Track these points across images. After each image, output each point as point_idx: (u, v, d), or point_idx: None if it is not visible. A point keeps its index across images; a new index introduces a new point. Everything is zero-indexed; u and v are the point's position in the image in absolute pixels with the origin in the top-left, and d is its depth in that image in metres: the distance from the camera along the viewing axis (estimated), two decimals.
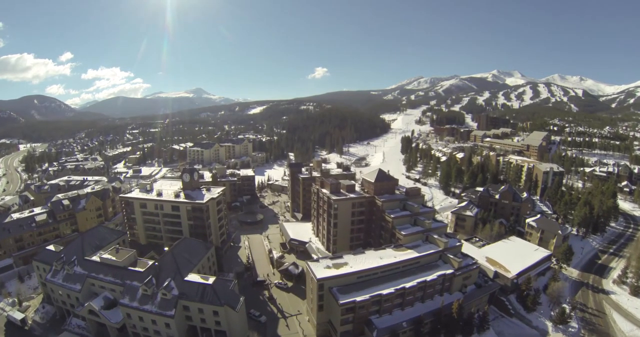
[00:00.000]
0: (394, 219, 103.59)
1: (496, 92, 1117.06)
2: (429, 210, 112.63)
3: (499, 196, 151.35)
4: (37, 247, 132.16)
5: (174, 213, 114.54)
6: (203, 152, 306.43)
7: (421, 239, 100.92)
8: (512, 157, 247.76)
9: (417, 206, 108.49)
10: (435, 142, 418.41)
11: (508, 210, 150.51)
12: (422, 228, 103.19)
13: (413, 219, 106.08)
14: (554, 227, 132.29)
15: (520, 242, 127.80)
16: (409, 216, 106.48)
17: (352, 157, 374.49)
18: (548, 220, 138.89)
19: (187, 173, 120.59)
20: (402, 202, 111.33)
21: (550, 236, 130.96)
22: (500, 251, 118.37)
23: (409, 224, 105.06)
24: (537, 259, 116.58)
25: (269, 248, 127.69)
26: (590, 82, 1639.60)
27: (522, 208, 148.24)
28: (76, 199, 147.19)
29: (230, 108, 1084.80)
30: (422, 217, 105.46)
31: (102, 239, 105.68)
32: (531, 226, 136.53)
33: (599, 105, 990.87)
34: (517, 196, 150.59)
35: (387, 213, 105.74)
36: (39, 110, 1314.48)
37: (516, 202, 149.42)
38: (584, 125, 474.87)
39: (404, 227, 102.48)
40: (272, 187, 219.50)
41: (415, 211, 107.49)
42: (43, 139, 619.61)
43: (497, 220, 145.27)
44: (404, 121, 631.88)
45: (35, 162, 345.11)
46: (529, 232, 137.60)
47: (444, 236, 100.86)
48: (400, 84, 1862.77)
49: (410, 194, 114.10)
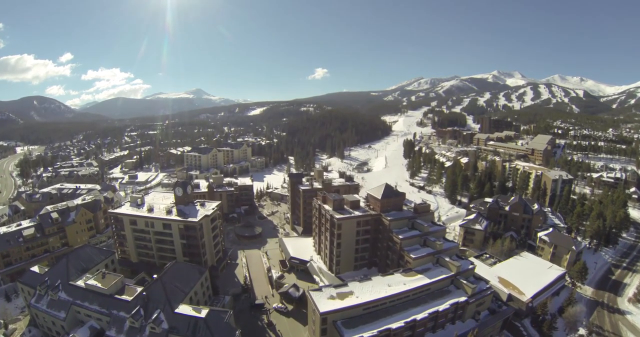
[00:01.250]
0: (402, 240, 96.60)
1: (497, 93, 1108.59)
2: (439, 228, 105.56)
3: (509, 207, 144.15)
4: (25, 263, 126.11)
5: (166, 231, 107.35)
6: (200, 157, 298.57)
7: (431, 262, 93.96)
8: (518, 163, 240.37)
9: (427, 224, 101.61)
10: (437, 146, 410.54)
11: (519, 222, 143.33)
12: (433, 250, 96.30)
13: (422, 240, 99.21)
14: (567, 243, 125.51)
15: (532, 259, 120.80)
16: (418, 236, 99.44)
17: (353, 161, 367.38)
18: (561, 234, 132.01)
19: (180, 187, 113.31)
20: (411, 220, 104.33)
21: (563, 251, 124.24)
22: (512, 270, 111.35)
23: (419, 245, 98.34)
24: (551, 279, 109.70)
25: (268, 266, 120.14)
26: (590, 83, 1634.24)
27: (533, 221, 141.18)
28: (65, 211, 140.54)
29: (230, 109, 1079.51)
30: (433, 238, 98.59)
31: (88, 261, 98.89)
32: (543, 241, 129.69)
33: (600, 106, 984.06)
34: (528, 207, 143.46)
35: (394, 233, 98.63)
36: (38, 111, 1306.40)
37: (527, 215, 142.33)
38: (588, 128, 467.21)
39: (413, 249, 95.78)
40: (272, 196, 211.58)
41: (425, 231, 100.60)
42: (41, 141, 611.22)
43: (507, 233, 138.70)
44: (405, 123, 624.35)
45: (30, 166, 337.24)
46: (540, 247, 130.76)
47: (455, 258, 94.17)
48: (400, 84, 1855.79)
49: (419, 211, 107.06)
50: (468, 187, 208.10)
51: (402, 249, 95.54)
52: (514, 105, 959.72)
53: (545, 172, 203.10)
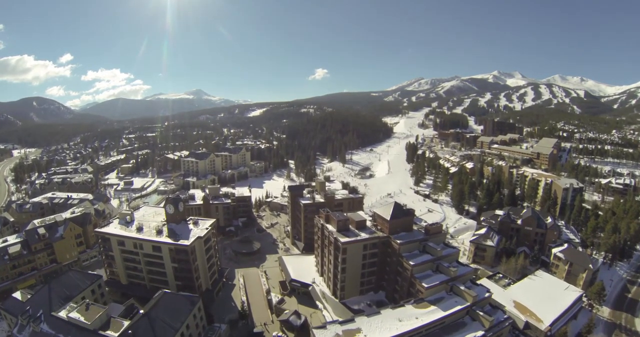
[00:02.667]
0: (413, 266, 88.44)
1: (497, 93, 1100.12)
2: (453, 251, 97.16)
3: (522, 221, 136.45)
4: (11, 282, 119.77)
5: (156, 254, 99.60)
6: (198, 163, 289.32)
7: (445, 290, 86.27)
8: (526, 170, 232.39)
9: (440, 248, 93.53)
10: (441, 149, 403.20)
11: (531, 237, 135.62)
12: (447, 277, 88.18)
13: (435, 265, 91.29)
14: (584, 261, 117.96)
15: (548, 279, 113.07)
16: (430, 261, 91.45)
17: (355, 166, 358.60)
18: (577, 251, 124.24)
19: (171, 204, 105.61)
20: (422, 243, 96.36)
21: (579, 269, 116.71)
22: (528, 292, 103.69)
23: (431, 271, 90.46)
24: (570, 302, 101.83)
25: (267, 288, 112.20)
26: (591, 83, 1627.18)
27: (547, 235, 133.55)
28: (53, 226, 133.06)
29: (229, 110, 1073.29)
30: (446, 263, 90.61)
31: (73, 288, 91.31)
32: (558, 258, 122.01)
33: (601, 107, 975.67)
34: (542, 221, 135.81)
35: (405, 258, 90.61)
36: (37, 112, 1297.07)
37: (540, 229, 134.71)
38: (593, 131, 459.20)
39: (425, 276, 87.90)
40: (271, 206, 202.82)
41: (438, 255, 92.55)
42: (38, 144, 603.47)
43: (519, 249, 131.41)
44: (407, 125, 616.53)
45: (24, 172, 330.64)
46: (555, 264, 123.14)
47: (469, 284, 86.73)
48: (400, 85, 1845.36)
49: (431, 232, 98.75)
50: (475, 195, 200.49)
51: (413, 276, 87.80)
52: (515, 106, 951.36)
53: (555, 180, 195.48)
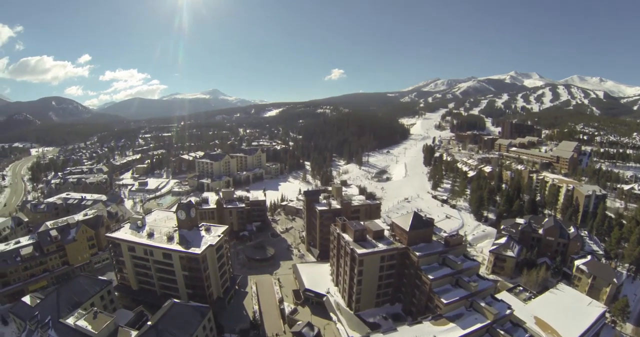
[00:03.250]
0: (432, 281, 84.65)
1: (515, 94, 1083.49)
2: (473, 265, 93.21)
3: (544, 231, 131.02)
4: (23, 284, 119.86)
5: (166, 261, 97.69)
6: (212, 164, 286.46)
7: (464, 306, 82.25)
8: (546, 175, 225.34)
9: (460, 261, 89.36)
10: (458, 151, 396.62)
11: (553, 248, 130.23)
12: (467, 292, 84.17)
13: (455, 279, 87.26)
14: (608, 274, 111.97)
15: (570, 293, 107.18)
16: (450, 275, 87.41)
17: (371, 168, 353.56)
18: (601, 264, 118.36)
19: (183, 210, 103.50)
20: (442, 255, 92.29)
21: (603, 283, 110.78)
22: (549, 308, 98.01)
23: (450, 285, 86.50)
24: (593, 319, 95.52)
25: (280, 297, 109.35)
26: (610, 84, 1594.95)
27: (569, 246, 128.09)
28: (65, 228, 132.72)
29: (245, 110, 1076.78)
30: (466, 277, 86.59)
31: (81, 294, 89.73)
32: (581, 270, 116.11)
33: (621, 108, 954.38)
34: (564, 231, 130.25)
35: (423, 272, 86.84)
36: (56, 111, 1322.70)
37: (563, 239, 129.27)
38: (614, 134, 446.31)
39: (444, 290, 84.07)
40: (286, 210, 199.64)
41: (458, 268, 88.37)
42: (56, 143, 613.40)
43: (540, 259, 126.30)
44: (423, 126, 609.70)
45: (41, 171, 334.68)
46: (577, 277, 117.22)
47: (490, 299, 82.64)
48: (417, 86, 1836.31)
49: (451, 244, 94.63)
50: (494, 201, 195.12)
51: (432, 290, 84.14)
52: (532, 107, 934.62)
53: (577, 186, 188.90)
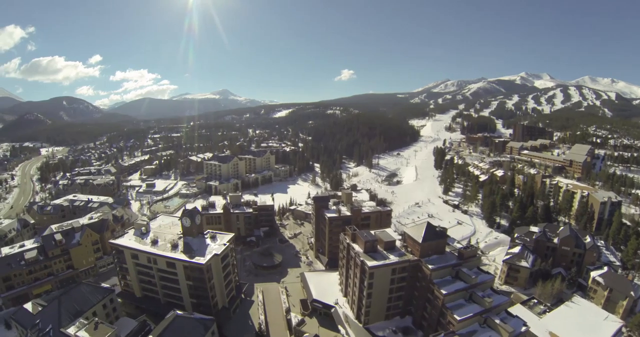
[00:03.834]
0: (445, 296, 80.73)
1: (525, 96, 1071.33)
2: (488, 278, 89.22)
3: (559, 240, 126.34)
4: (27, 287, 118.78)
5: (170, 270, 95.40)
6: (220, 166, 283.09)
7: (478, 322, 78.44)
8: (560, 180, 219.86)
9: (474, 275, 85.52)
10: (469, 154, 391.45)
11: (569, 258, 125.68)
12: (481, 308, 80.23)
13: (469, 294, 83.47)
14: (625, 287, 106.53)
15: (586, 306, 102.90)
16: (463, 290, 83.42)
17: (382, 171, 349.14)
18: (618, 276, 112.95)
19: (187, 217, 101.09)
20: (455, 268, 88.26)
21: (619, 296, 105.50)
22: (565, 322, 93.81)
23: (463, 300, 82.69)
24: (610, 335, 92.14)
25: (287, 307, 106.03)
26: (622, 85, 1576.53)
27: (585, 256, 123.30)
28: (70, 232, 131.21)
29: (255, 111, 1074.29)
30: (481, 292, 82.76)
31: (83, 302, 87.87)
32: (597, 282, 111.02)
33: (633, 110, 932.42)
34: (580, 240, 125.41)
35: (436, 286, 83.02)
36: (67, 111, 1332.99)
37: (578, 249, 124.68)
38: (628, 137, 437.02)
39: (457, 306, 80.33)
40: (295, 214, 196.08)
41: (472, 282, 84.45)
42: (66, 143, 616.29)
43: (555, 270, 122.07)
44: (434, 128, 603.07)
45: (50, 171, 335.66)
46: (593, 289, 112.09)
47: (504, 315, 79.01)
48: (426, 86, 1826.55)
49: (465, 256, 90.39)
50: (507, 206, 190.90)
51: (445, 306, 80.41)
52: (543, 109, 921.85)
53: (592, 192, 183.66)
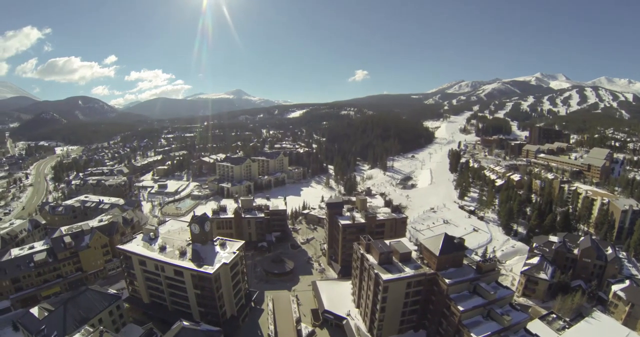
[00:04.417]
0: (462, 313, 76.81)
1: (540, 97, 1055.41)
2: (507, 294, 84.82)
3: (579, 252, 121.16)
4: (36, 289, 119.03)
5: (178, 278, 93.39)
6: (233, 168, 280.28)
7: None
8: (579, 186, 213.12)
9: (493, 291, 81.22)
10: (484, 157, 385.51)
11: (589, 270, 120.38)
12: (500, 326, 75.85)
13: (487, 310, 79.27)
14: None
15: (606, 323, 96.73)
16: (482, 306, 79.26)
17: (396, 174, 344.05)
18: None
19: (197, 224, 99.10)
20: (473, 283, 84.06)
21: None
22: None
23: (481, 317, 78.55)
24: None
25: (297, 316, 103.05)
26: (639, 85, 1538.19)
27: (607, 269, 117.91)
28: (79, 235, 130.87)
29: (269, 111, 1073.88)
30: (499, 309, 78.39)
31: (89, 309, 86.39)
32: (618, 297, 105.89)
33: None
34: (601, 252, 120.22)
35: (453, 301, 79.12)
36: (82, 110, 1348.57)
37: (600, 261, 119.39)
38: None
39: (474, 323, 76.30)
40: (308, 218, 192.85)
41: (490, 299, 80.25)
42: (80, 142, 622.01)
43: (574, 282, 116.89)
44: (448, 129, 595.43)
45: (63, 170, 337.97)
46: (613, 303, 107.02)
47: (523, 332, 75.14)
48: (440, 87, 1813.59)
49: (483, 270, 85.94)
50: (524, 213, 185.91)
51: (461, 323, 76.58)
52: (559, 110, 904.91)
53: (612, 200, 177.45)
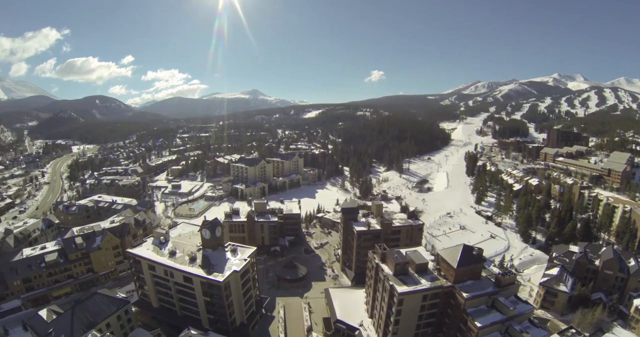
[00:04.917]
0: (480, 329, 73.58)
1: (558, 98, 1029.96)
2: (527, 309, 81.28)
3: (601, 263, 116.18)
4: (47, 289, 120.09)
5: (187, 284, 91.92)
6: (247, 169, 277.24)
7: None
8: (600, 192, 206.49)
9: (512, 306, 77.82)
10: (501, 160, 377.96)
11: (611, 282, 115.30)
12: None
13: (505, 327, 75.81)
14: None
15: None
16: (500, 322, 75.87)
17: (412, 176, 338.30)
18: None
19: (207, 229, 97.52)
20: (491, 297, 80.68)
21: None
22: None
23: (499, 333, 75.35)
24: None
25: (309, 325, 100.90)
26: None
27: (629, 281, 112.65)
28: (91, 236, 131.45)
29: (285, 111, 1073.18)
30: (519, 327, 74.97)
31: (97, 314, 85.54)
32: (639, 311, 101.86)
33: None
34: (624, 263, 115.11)
35: (470, 317, 75.88)
36: (100, 110, 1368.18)
37: (622, 273, 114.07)
38: None
39: None
40: (322, 221, 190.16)
41: (509, 314, 76.95)
42: (97, 141, 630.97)
43: (595, 295, 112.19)
44: (465, 131, 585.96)
45: (79, 169, 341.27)
46: (635, 318, 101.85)
47: None
48: (457, 88, 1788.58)
49: (502, 283, 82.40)
50: (543, 219, 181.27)
51: None
52: (577, 112, 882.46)
53: (634, 208, 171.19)
